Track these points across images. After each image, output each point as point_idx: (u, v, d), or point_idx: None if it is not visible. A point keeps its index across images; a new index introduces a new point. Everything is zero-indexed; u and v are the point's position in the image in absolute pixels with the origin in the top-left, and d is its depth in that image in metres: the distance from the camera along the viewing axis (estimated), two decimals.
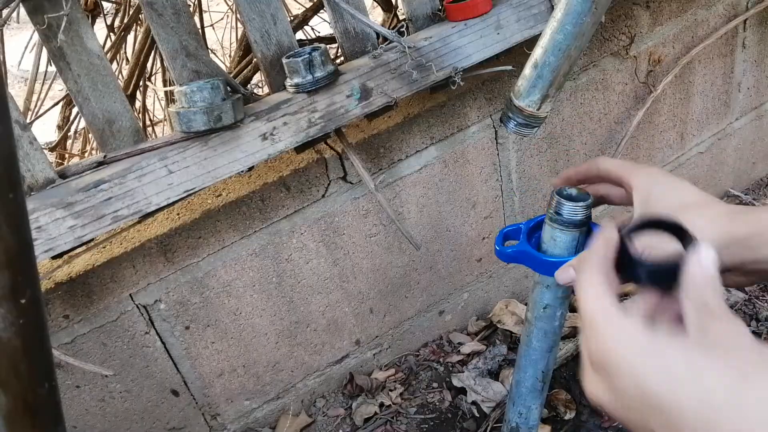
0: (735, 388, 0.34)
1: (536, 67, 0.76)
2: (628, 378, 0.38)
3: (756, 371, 0.35)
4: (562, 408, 1.22)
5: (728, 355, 0.36)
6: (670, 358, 0.37)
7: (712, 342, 0.37)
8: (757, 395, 0.34)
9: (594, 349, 0.41)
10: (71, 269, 0.96)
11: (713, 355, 0.36)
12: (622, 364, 0.39)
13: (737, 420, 0.34)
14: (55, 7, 0.75)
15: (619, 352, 0.39)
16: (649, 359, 0.37)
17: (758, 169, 1.77)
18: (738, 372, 0.35)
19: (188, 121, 0.80)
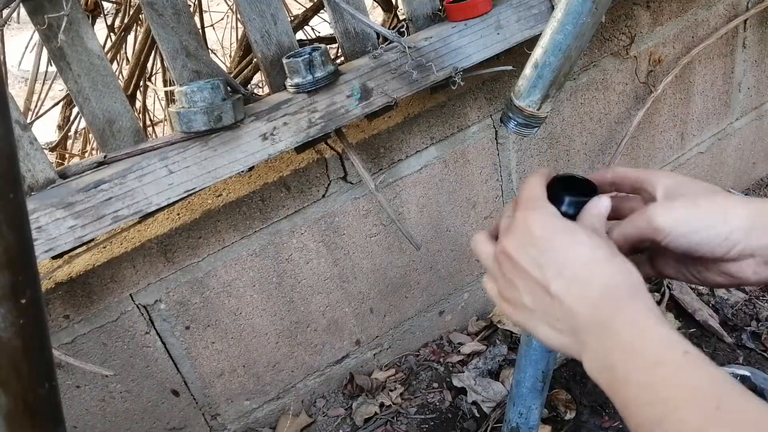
0: (610, 256, 0.49)
1: (536, 67, 0.76)
2: (537, 228, 0.52)
3: (623, 256, 0.50)
4: (562, 408, 1.22)
5: (613, 247, 0.51)
6: (574, 226, 0.52)
7: (604, 239, 0.52)
8: (626, 265, 0.49)
9: (526, 218, 0.54)
10: (71, 269, 0.96)
11: (605, 242, 0.51)
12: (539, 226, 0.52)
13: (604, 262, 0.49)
14: (56, 8, 0.75)
15: (540, 221, 0.53)
16: (561, 229, 0.52)
17: (758, 169, 1.77)
18: (611, 252, 0.50)
19: (188, 121, 0.80)
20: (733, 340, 1.32)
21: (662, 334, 0.43)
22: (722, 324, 1.35)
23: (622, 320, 0.45)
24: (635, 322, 0.45)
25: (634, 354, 0.43)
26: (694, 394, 0.39)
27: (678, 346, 0.42)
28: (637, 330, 0.44)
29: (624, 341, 0.44)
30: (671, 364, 0.41)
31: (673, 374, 0.41)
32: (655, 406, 0.40)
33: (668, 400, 0.40)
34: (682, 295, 1.40)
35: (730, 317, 1.37)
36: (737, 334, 1.33)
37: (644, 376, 0.42)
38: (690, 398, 0.39)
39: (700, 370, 0.40)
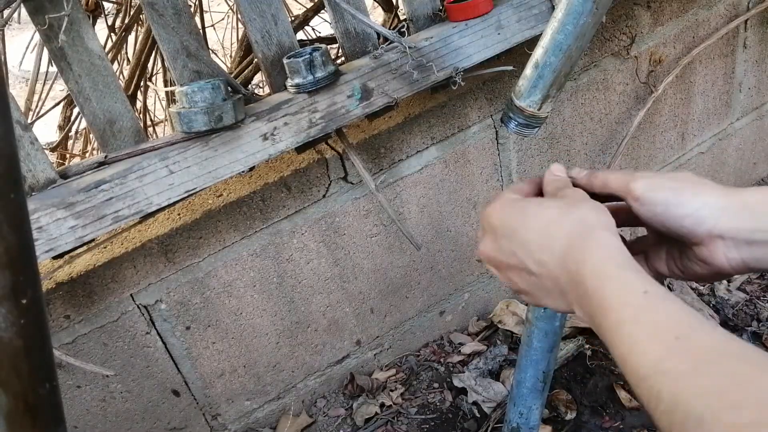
0: (563, 212, 0.53)
1: (537, 67, 0.76)
2: (499, 221, 0.57)
3: (576, 205, 0.53)
4: (562, 408, 1.22)
5: (565, 199, 0.55)
6: (525, 203, 0.57)
7: (555, 198, 0.57)
8: (578, 214, 0.52)
9: (486, 213, 0.59)
10: (72, 269, 0.96)
11: (555, 201, 0.56)
12: (497, 214, 0.57)
13: (557, 226, 0.52)
14: (56, 8, 0.75)
15: (496, 210, 0.58)
16: (510, 207, 0.57)
17: (759, 169, 1.77)
18: (567, 203, 0.54)
19: (189, 121, 0.80)
20: None
21: (622, 278, 0.45)
22: (723, 324, 1.35)
23: (586, 272, 0.47)
24: (596, 272, 0.47)
25: (602, 302, 0.45)
26: (653, 327, 0.41)
27: (637, 286, 0.44)
28: (599, 279, 0.46)
29: (591, 292, 0.46)
30: (632, 305, 0.43)
31: (635, 314, 0.42)
32: (623, 345, 0.42)
33: (631, 336, 0.41)
34: (683, 296, 1.40)
35: (730, 317, 1.37)
36: (738, 335, 1.33)
37: (613, 321, 0.43)
38: (650, 332, 0.40)
39: (660, 305, 0.42)
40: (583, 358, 1.31)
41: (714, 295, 1.43)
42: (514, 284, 0.57)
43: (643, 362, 0.39)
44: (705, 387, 0.34)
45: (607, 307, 0.44)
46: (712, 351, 0.37)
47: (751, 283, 1.46)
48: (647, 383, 0.38)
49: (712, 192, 0.53)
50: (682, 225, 0.53)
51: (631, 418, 1.20)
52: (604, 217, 0.52)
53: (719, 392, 0.33)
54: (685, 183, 0.54)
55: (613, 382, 1.26)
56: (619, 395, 1.23)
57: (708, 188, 0.53)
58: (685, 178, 0.55)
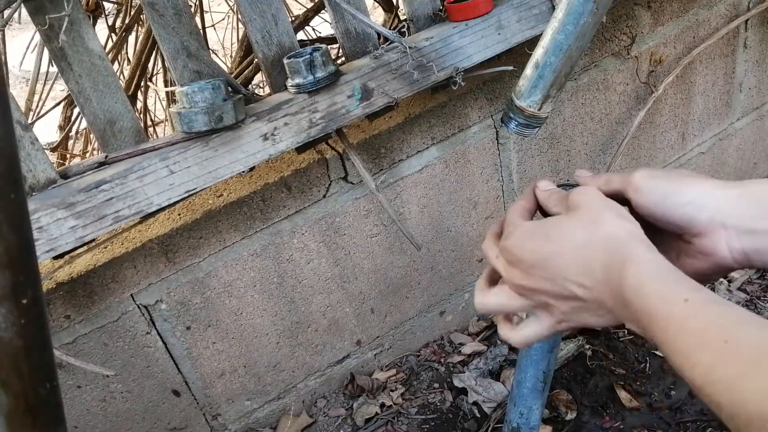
0: (590, 231, 0.51)
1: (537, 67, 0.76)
2: (527, 252, 0.55)
3: (600, 220, 0.52)
4: (563, 408, 1.22)
5: (585, 212, 0.53)
6: (547, 227, 0.55)
7: (574, 214, 0.54)
8: (606, 231, 0.51)
9: (509, 245, 0.57)
10: (72, 269, 0.96)
11: (577, 218, 0.54)
12: (523, 246, 0.56)
13: (591, 248, 0.51)
14: (57, 8, 0.75)
15: (519, 242, 0.56)
16: (533, 235, 0.56)
17: (760, 169, 1.77)
18: (591, 219, 0.52)
19: (189, 121, 0.80)
20: None
21: (661, 290, 0.45)
22: None
23: (629, 293, 0.47)
24: (637, 290, 0.46)
25: (650, 319, 0.45)
26: (701, 336, 0.40)
27: (677, 296, 0.44)
28: (642, 297, 0.46)
29: (639, 311, 0.46)
30: (677, 316, 0.43)
31: (681, 325, 0.42)
32: (677, 357, 0.42)
33: (682, 349, 0.41)
34: None
35: None
36: None
37: (665, 336, 0.43)
38: (698, 341, 0.40)
39: (703, 311, 0.42)
40: (584, 359, 1.31)
41: None
42: (552, 311, 0.56)
43: (696, 374, 0.39)
44: (759, 390, 0.35)
45: (656, 324, 0.44)
46: (761, 350, 0.37)
47: (752, 283, 1.46)
48: (705, 392, 0.38)
49: (712, 182, 0.53)
50: (683, 213, 0.53)
51: (631, 418, 1.20)
52: (629, 225, 0.51)
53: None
54: (684, 174, 0.55)
55: (614, 383, 1.26)
56: (620, 395, 1.23)
57: (706, 179, 0.54)
58: (682, 172, 0.55)
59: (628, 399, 1.22)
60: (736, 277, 1.47)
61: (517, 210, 0.63)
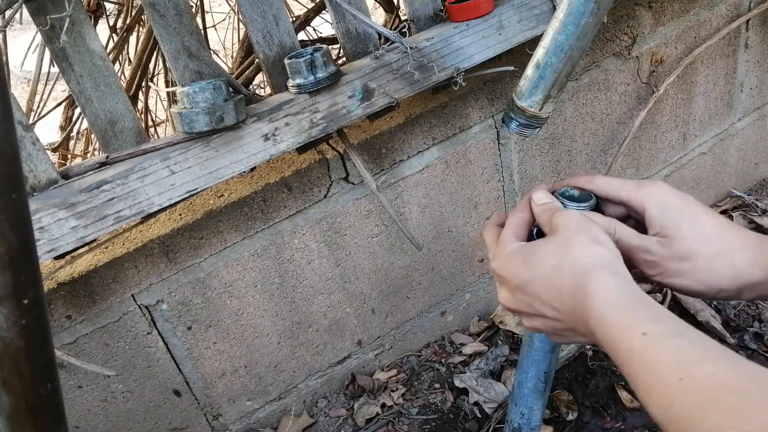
0: (560, 257, 0.54)
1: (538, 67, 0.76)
2: (509, 275, 0.59)
3: (569, 245, 0.54)
4: (564, 409, 1.22)
5: (559, 236, 0.55)
6: (526, 252, 0.58)
7: (551, 237, 0.57)
8: (573, 256, 0.53)
9: (495, 268, 0.61)
10: (74, 269, 0.96)
11: (552, 242, 0.56)
12: (505, 269, 0.59)
13: (558, 275, 0.53)
14: (58, 8, 0.75)
15: (503, 266, 0.60)
16: (513, 259, 0.59)
17: (761, 169, 1.77)
18: (562, 244, 0.54)
19: (190, 121, 0.80)
20: (736, 341, 1.31)
21: (621, 323, 0.46)
22: (725, 325, 1.35)
23: (593, 324, 0.48)
24: (600, 322, 0.48)
25: (613, 351, 0.46)
26: (658, 370, 0.41)
27: (636, 330, 0.44)
28: (605, 328, 0.47)
29: (603, 342, 0.47)
30: (636, 349, 0.43)
31: (639, 358, 0.43)
32: (639, 389, 0.43)
33: (644, 383, 0.42)
34: (684, 296, 1.40)
35: (732, 318, 1.36)
36: (740, 335, 1.32)
37: (624, 367, 0.45)
38: (656, 377, 0.41)
39: (661, 345, 0.42)
40: (585, 359, 1.31)
41: None
42: (542, 330, 0.59)
43: (656, 410, 0.40)
44: (711, 429, 0.35)
45: (619, 356, 0.45)
46: (715, 387, 0.37)
47: None
48: (664, 428, 0.39)
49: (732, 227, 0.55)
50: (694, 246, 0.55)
51: (632, 418, 1.20)
52: (599, 250, 0.52)
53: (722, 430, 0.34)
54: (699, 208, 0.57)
55: (615, 383, 1.26)
56: (621, 396, 1.23)
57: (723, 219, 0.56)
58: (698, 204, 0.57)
59: (629, 399, 1.22)
60: None
61: (511, 226, 0.64)
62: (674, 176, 1.57)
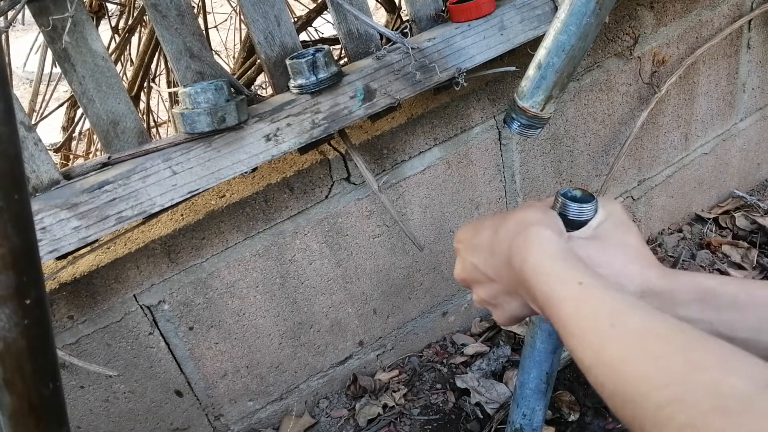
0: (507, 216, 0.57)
1: (540, 67, 0.76)
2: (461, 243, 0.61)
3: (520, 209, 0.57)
4: (566, 409, 1.22)
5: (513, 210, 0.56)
6: (482, 220, 0.60)
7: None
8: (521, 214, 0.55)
9: (455, 239, 0.63)
10: (76, 270, 0.96)
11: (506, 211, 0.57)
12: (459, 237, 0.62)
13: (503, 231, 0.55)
14: (60, 9, 0.75)
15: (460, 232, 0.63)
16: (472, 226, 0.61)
17: (763, 170, 1.77)
18: (511, 210, 0.57)
19: (192, 122, 0.80)
20: None
21: (558, 271, 0.47)
22: None
23: (528, 270, 0.50)
24: (536, 268, 0.49)
25: (545, 298, 0.47)
26: (591, 319, 0.43)
27: (573, 278, 0.46)
28: (540, 275, 0.48)
29: (535, 289, 0.48)
30: (570, 298, 0.45)
31: (574, 306, 0.44)
32: (570, 338, 0.44)
33: (574, 330, 0.43)
34: None
35: None
36: None
37: (556, 315, 0.46)
38: (588, 324, 0.43)
39: (595, 296, 0.44)
40: None
41: None
42: (482, 300, 0.60)
43: (586, 354, 0.42)
44: (636, 372, 0.37)
45: (551, 303, 0.46)
46: (644, 335, 0.39)
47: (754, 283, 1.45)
48: (591, 373, 0.41)
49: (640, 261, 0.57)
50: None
51: None
52: (543, 216, 0.55)
53: (648, 376, 0.36)
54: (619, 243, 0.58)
55: None
56: None
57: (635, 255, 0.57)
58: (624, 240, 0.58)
59: None
60: (738, 277, 1.46)
61: None
62: (676, 176, 1.57)
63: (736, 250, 1.53)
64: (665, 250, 1.57)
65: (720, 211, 1.67)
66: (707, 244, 1.57)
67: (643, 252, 0.57)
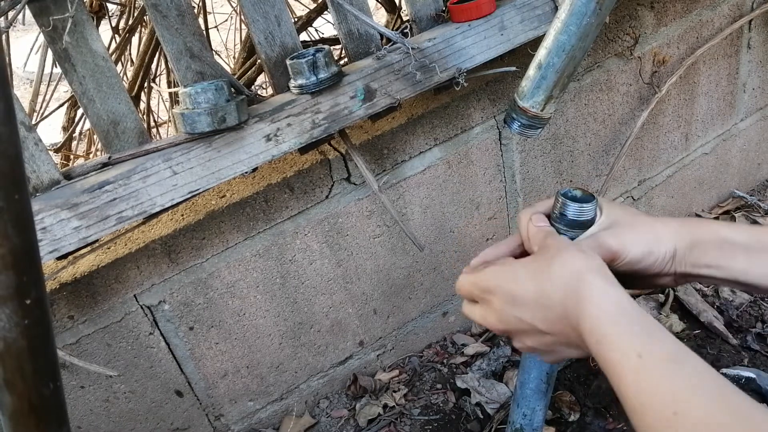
0: (549, 265, 0.54)
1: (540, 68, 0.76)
2: (497, 291, 0.58)
3: (559, 254, 0.54)
4: (566, 409, 1.22)
5: (549, 250, 0.56)
6: (517, 268, 0.58)
7: (540, 252, 0.58)
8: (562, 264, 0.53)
9: (476, 281, 0.60)
10: (76, 270, 0.96)
11: (542, 255, 0.56)
12: (492, 285, 0.59)
13: (549, 284, 0.53)
14: (61, 9, 0.75)
15: (490, 278, 0.59)
16: (505, 274, 0.58)
17: (764, 170, 1.77)
18: (550, 257, 0.55)
19: (192, 122, 0.80)
20: (738, 341, 1.31)
21: (616, 340, 0.45)
22: (727, 325, 1.34)
23: (585, 332, 0.48)
24: (593, 332, 0.47)
25: (605, 365, 0.46)
26: (650, 398, 0.41)
27: (631, 350, 0.44)
28: (598, 341, 0.47)
29: (595, 352, 0.47)
30: (630, 371, 0.43)
31: (634, 381, 0.43)
32: (632, 412, 0.43)
33: (634, 405, 0.42)
34: (686, 297, 1.40)
35: (735, 319, 1.36)
36: (742, 336, 1.32)
37: (617, 384, 0.44)
38: (648, 402, 0.41)
39: (656, 372, 0.42)
40: (587, 360, 1.31)
41: (718, 296, 1.42)
42: (530, 348, 0.58)
43: (643, 429, 0.41)
44: None
45: (611, 371, 0.45)
46: (706, 424, 0.38)
47: None
48: None
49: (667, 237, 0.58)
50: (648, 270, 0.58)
51: None
52: (588, 260, 0.53)
53: None
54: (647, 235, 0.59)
55: None
56: None
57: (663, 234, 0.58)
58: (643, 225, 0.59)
59: None
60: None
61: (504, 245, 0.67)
62: (676, 177, 1.57)
63: None
64: None
65: (720, 211, 1.66)
66: None
67: (659, 218, 0.59)
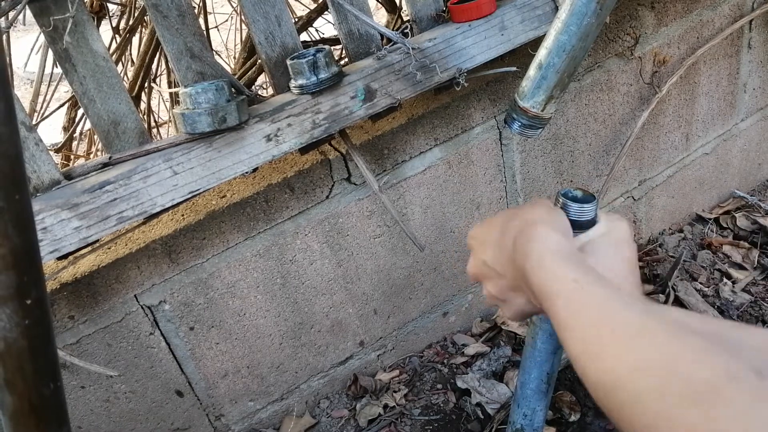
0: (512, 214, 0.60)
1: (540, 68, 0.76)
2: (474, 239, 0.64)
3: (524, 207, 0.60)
4: (566, 410, 1.22)
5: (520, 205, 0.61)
6: (492, 218, 0.64)
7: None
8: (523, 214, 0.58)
9: (468, 236, 0.65)
10: (76, 270, 0.96)
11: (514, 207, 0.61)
12: (472, 234, 0.65)
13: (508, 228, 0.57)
14: (61, 9, 0.75)
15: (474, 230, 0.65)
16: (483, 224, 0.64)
17: (764, 170, 1.77)
18: (520, 207, 0.60)
19: (193, 122, 0.80)
20: None
21: (555, 268, 0.49)
22: None
23: (528, 266, 0.52)
24: (535, 265, 0.51)
25: (542, 293, 0.49)
26: (580, 313, 0.45)
27: (568, 276, 0.48)
28: (539, 271, 0.50)
29: (535, 284, 0.50)
30: (564, 293, 0.47)
31: (565, 301, 0.46)
32: (561, 331, 0.46)
33: (568, 324, 0.45)
34: (687, 297, 1.40)
35: (735, 319, 1.36)
36: None
37: (552, 309, 0.48)
38: (578, 317, 0.45)
39: (587, 291, 0.46)
40: None
41: (719, 296, 1.42)
42: (491, 295, 0.62)
43: (576, 347, 0.44)
44: (616, 363, 0.40)
45: (547, 298, 0.48)
46: (627, 329, 0.41)
47: (756, 285, 1.45)
48: (579, 363, 0.43)
49: None
50: None
51: None
52: (548, 214, 0.57)
53: (627, 367, 0.39)
54: None
55: None
56: None
57: None
58: None
59: None
60: (740, 278, 1.46)
61: None
62: (677, 177, 1.57)
63: (737, 251, 1.53)
64: (666, 251, 1.57)
65: (721, 211, 1.66)
66: (708, 244, 1.57)
67: (636, 271, 0.60)
